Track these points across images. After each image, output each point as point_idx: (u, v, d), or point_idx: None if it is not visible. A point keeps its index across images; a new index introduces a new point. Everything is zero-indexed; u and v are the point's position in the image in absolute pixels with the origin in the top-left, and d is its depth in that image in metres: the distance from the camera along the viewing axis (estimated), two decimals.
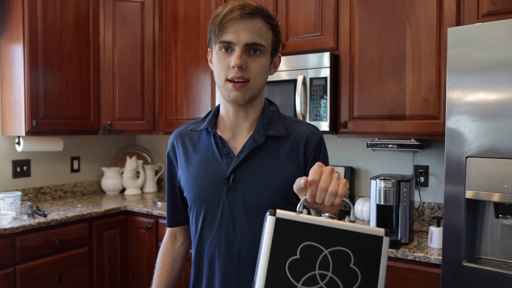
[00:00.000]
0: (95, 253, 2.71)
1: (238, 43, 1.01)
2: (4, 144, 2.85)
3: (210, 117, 1.15)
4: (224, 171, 1.07)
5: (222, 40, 1.03)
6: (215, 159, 1.10)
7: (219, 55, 1.05)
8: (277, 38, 1.09)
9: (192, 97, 2.94)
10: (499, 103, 1.50)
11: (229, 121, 1.13)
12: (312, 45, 2.39)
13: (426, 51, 2.05)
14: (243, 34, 1.01)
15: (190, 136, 1.17)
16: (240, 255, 1.07)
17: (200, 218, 1.11)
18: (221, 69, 1.04)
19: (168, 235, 1.29)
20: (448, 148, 1.61)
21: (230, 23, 1.01)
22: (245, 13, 1.00)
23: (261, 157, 1.08)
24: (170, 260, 1.26)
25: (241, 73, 1.02)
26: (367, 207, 2.38)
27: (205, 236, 1.10)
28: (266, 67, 1.07)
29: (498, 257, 1.60)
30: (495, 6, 1.87)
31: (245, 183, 1.06)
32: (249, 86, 1.04)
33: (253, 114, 1.12)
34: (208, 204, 1.09)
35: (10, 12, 2.69)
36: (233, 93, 1.04)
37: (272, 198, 1.06)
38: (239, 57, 1.01)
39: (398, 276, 1.85)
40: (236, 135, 1.12)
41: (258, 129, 1.09)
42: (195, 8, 2.90)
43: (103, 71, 3.04)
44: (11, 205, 2.47)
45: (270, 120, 1.12)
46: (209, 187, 1.09)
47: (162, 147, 3.61)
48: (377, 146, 2.21)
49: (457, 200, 1.60)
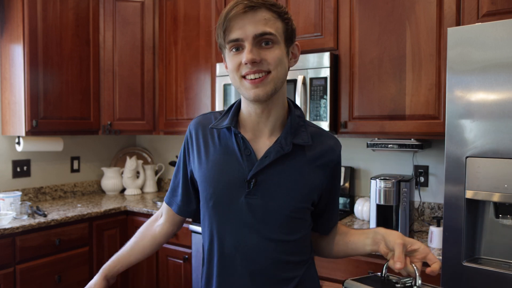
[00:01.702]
0: (95, 253, 2.71)
1: (246, 37, 0.95)
2: (4, 144, 2.85)
3: (232, 114, 1.08)
4: (244, 173, 1.03)
5: (230, 39, 0.97)
6: (236, 160, 1.04)
7: (230, 56, 1.00)
8: (288, 26, 1.01)
9: (192, 97, 2.94)
10: (499, 103, 1.50)
11: (250, 121, 1.07)
12: (312, 45, 2.39)
13: (426, 51, 2.05)
14: (249, 28, 0.95)
15: (211, 129, 1.11)
16: (253, 258, 1.04)
17: (215, 217, 1.07)
18: (233, 68, 0.99)
19: (158, 211, 1.29)
20: (448, 148, 1.61)
21: (233, 20, 0.95)
22: (247, 6, 0.94)
23: (285, 164, 1.03)
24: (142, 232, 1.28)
25: (257, 67, 0.96)
26: (367, 207, 2.38)
27: (218, 235, 1.07)
28: (283, 57, 0.99)
29: (498, 257, 1.60)
30: (495, 6, 1.87)
31: (266, 188, 1.02)
32: (269, 79, 0.97)
33: (275, 114, 1.06)
34: (225, 205, 1.05)
35: (10, 12, 2.69)
36: (253, 91, 0.98)
37: (295, 205, 1.04)
38: (250, 51, 0.94)
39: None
40: (257, 136, 1.07)
41: (285, 135, 1.04)
42: (195, 8, 2.90)
43: (103, 71, 3.04)
44: (11, 205, 2.47)
45: (297, 126, 1.07)
46: (227, 187, 1.04)
47: (162, 147, 3.62)
48: (377, 146, 2.21)
49: (457, 200, 1.60)
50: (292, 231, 1.06)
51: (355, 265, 1.95)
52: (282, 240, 1.04)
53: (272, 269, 1.05)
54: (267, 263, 1.04)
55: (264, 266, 1.04)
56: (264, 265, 1.04)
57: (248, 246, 1.04)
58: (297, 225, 1.07)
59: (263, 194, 1.02)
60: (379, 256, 1.90)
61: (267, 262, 1.04)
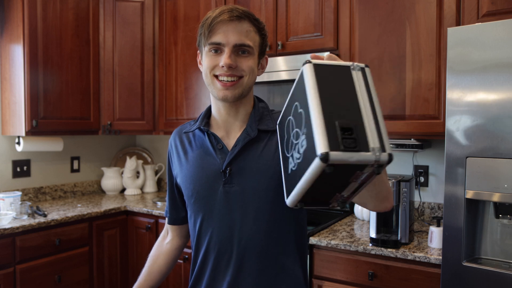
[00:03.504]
0: (95, 253, 2.71)
1: (227, 44, 1.05)
2: (4, 144, 2.85)
3: (201, 117, 1.19)
4: (219, 165, 1.11)
5: (211, 41, 1.06)
6: (210, 155, 1.13)
7: (208, 56, 1.08)
8: (263, 41, 1.12)
9: (192, 97, 2.94)
10: (499, 103, 1.50)
11: (221, 119, 1.16)
12: (312, 45, 2.39)
13: (426, 51, 2.05)
14: (232, 36, 1.04)
15: (187, 135, 1.21)
16: (241, 244, 1.09)
17: (199, 212, 1.14)
18: (208, 67, 1.07)
19: (164, 230, 1.36)
20: (448, 148, 1.61)
21: (219, 25, 1.04)
22: (234, 16, 1.04)
23: (255, 149, 1.11)
24: (154, 253, 1.33)
25: (232, 72, 1.05)
26: None
27: (204, 229, 1.13)
28: (255, 67, 1.10)
29: (498, 257, 1.60)
30: (495, 6, 1.87)
31: (241, 175, 1.09)
32: (240, 83, 1.07)
33: (243, 111, 1.15)
34: (206, 198, 1.12)
35: (10, 12, 2.69)
36: (222, 92, 1.07)
37: (269, 185, 1.09)
38: (228, 56, 1.04)
39: (398, 276, 1.85)
40: (229, 133, 1.16)
41: (250, 124, 1.13)
42: (195, 8, 2.90)
43: (103, 71, 3.04)
44: (11, 205, 2.47)
45: (261, 116, 1.16)
46: (205, 181, 1.12)
47: (162, 147, 3.61)
48: None
49: (457, 200, 1.60)
50: (273, 213, 1.10)
51: (355, 265, 1.95)
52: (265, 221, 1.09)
53: (261, 254, 1.10)
54: (255, 248, 1.09)
55: (252, 250, 1.09)
56: (253, 249, 1.09)
57: (234, 233, 1.09)
58: (277, 207, 1.10)
59: (239, 181, 1.09)
60: (379, 256, 1.90)
61: (255, 247, 1.09)
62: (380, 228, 1.94)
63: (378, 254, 1.90)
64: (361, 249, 1.93)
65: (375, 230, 1.94)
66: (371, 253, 1.91)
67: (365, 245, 1.93)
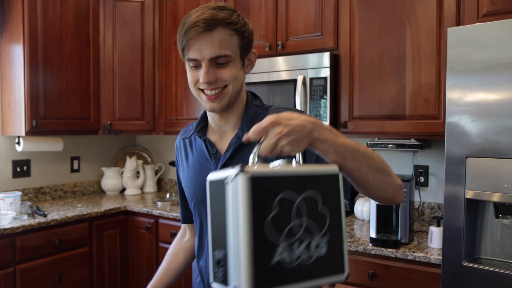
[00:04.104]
0: (95, 253, 2.71)
1: (202, 59, 1.03)
2: (4, 144, 2.85)
3: (198, 121, 1.20)
4: (213, 170, 1.12)
5: (188, 58, 1.05)
6: (206, 160, 1.17)
7: (188, 69, 1.09)
8: (244, 40, 1.06)
9: (192, 97, 2.94)
10: (499, 103, 1.50)
11: (214, 124, 1.17)
12: (312, 45, 2.39)
13: (426, 51, 2.05)
14: (205, 50, 1.01)
15: (189, 139, 1.24)
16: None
17: (199, 215, 1.19)
18: (191, 81, 1.08)
19: (181, 229, 1.41)
20: (448, 148, 1.61)
21: (191, 40, 1.02)
22: (204, 28, 1.00)
23: (247, 151, 1.08)
24: (174, 251, 1.37)
25: (213, 85, 1.04)
26: (367, 207, 2.38)
27: (204, 232, 1.19)
28: (237, 72, 1.07)
29: (498, 257, 1.60)
30: (495, 6, 1.87)
31: None
32: (225, 93, 1.05)
33: (235, 114, 1.14)
34: (204, 202, 1.14)
35: (10, 12, 2.69)
36: (209, 104, 1.07)
37: None
38: (206, 73, 1.02)
39: (398, 276, 1.85)
40: (222, 136, 1.17)
41: (241, 126, 1.11)
42: (195, 8, 2.89)
43: (103, 71, 3.04)
44: (11, 205, 2.47)
45: (253, 115, 1.13)
46: (202, 186, 1.13)
47: (162, 147, 3.62)
48: (377, 146, 2.21)
49: (457, 200, 1.60)
50: None
51: (355, 265, 1.95)
52: None
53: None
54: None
55: None
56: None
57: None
58: None
59: None
60: (379, 256, 1.90)
61: None
62: (380, 228, 1.94)
63: (378, 254, 1.90)
64: (361, 249, 1.93)
65: (375, 230, 1.94)
66: (371, 253, 1.91)
67: (365, 245, 1.93)
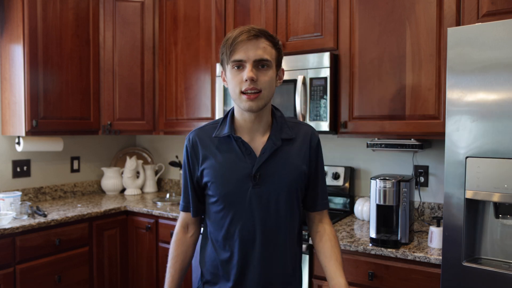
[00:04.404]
0: (95, 253, 2.71)
1: (248, 60, 1.22)
2: (4, 144, 2.85)
3: (229, 123, 1.33)
4: (249, 169, 1.29)
5: (234, 59, 1.22)
6: (240, 159, 1.30)
7: (232, 72, 1.25)
8: (279, 54, 1.30)
9: (192, 97, 2.94)
10: (499, 103, 1.50)
11: (246, 126, 1.32)
12: (312, 45, 2.39)
13: (426, 51, 2.05)
14: (251, 52, 1.22)
15: (211, 138, 1.34)
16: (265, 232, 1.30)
17: (230, 208, 1.31)
18: (235, 84, 1.24)
19: (180, 226, 1.46)
20: (448, 148, 1.61)
21: (239, 44, 1.21)
22: (252, 35, 1.21)
23: (279, 156, 1.32)
24: (183, 249, 1.44)
25: (253, 85, 1.22)
26: (367, 207, 2.38)
27: (235, 222, 1.31)
28: (273, 78, 1.28)
29: (498, 257, 1.60)
30: (495, 6, 1.87)
31: (268, 178, 1.29)
32: (261, 96, 1.24)
33: (265, 119, 1.33)
34: (237, 197, 1.30)
35: (10, 12, 2.69)
36: (248, 103, 1.24)
37: (288, 188, 1.32)
38: (250, 70, 1.21)
39: (398, 276, 1.85)
40: (254, 138, 1.33)
41: (274, 133, 1.32)
42: (195, 8, 2.90)
43: (103, 71, 3.04)
44: (11, 205, 2.47)
45: (281, 125, 1.35)
46: (237, 183, 1.29)
47: (162, 147, 3.62)
48: (377, 146, 2.21)
49: (457, 200, 1.60)
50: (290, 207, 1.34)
51: (355, 265, 1.95)
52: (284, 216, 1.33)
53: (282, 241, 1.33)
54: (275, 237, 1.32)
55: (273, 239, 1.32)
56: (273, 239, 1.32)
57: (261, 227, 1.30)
58: (292, 203, 1.35)
59: (266, 183, 1.30)
60: (379, 256, 1.90)
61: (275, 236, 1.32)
62: (380, 228, 1.94)
63: (378, 254, 1.90)
64: (361, 249, 1.93)
65: (375, 230, 1.94)
66: (371, 253, 1.91)
67: (365, 245, 1.93)
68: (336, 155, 2.70)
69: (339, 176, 2.61)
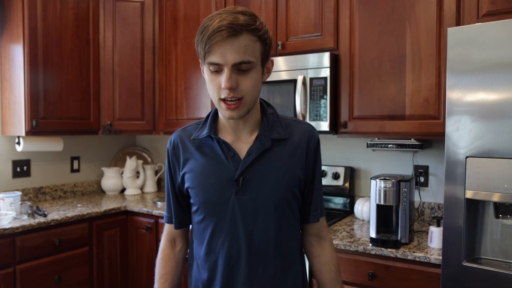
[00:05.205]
0: (95, 253, 2.71)
1: (225, 64, 1.01)
2: (4, 144, 2.85)
3: (209, 122, 1.17)
4: (232, 174, 1.11)
5: (209, 61, 1.02)
6: (222, 163, 1.13)
7: (209, 74, 1.06)
8: (266, 47, 1.08)
9: (192, 97, 2.94)
10: (499, 103, 1.50)
11: (230, 127, 1.16)
12: (312, 45, 2.39)
13: (426, 51, 2.05)
14: (229, 55, 1.00)
15: (193, 140, 1.18)
16: (250, 248, 1.12)
17: (211, 218, 1.14)
18: (213, 89, 1.06)
19: (167, 240, 1.29)
20: (448, 148, 1.61)
21: (216, 45, 1.00)
22: (230, 33, 0.99)
23: (268, 158, 1.13)
24: (172, 266, 1.27)
25: (233, 94, 1.03)
26: (367, 207, 2.38)
27: (217, 235, 1.14)
28: (257, 80, 1.08)
29: (498, 257, 1.60)
30: (495, 6, 1.87)
31: (254, 184, 1.11)
32: (243, 103, 1.06)
33: (252, 118, 1.16)
34: (217, 205, 1.12)
35: (10, 12, 2.69)
36: (228, 112, 1.06)
37: (279, 195, 1.13)
38: (228, 79, 1.01)
39: (398, 276, 1.85)
40: (238, 138, 1.16)
41: (263, 133, 1.14)
42: (195, 8, 2.90)
43: (103, 71, 3.04)
44: (11, 205, 2.47)
45: (272, 123, 1.16)
46: (217, 189, 1.12)
47: (162, 147, 3.61)
48: (377, 146, 2.21)
49: (457, 200, 1.60)
50: (281, 219, 1.14)
51: (355, 265, 1.95)
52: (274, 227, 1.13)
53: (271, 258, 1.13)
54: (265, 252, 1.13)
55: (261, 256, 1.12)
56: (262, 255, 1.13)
57: (244, 239, 1.12)
58: (285, 213, 1.15)
59: (251, 190, 1.11)
60: (379, 256, 1.90)
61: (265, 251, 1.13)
62: (380, 228, 1.94)
63: (378, 254, 1.90)
64: (361, 249, 1.93)
65: (375, 230, 1.94)
66: (371, 253, 1.91)
67: (365, 245, 1.93)
68: (336, 155, 2.70)
69: (339, 176, 2.61)
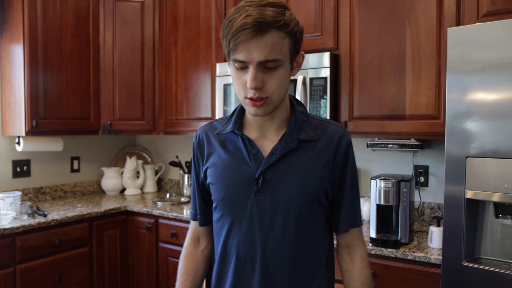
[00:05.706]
0: (95, 253, 2.71)
1: (251, 61, 0.97)
2: (4, 144, 2.85)
3: (235, 118, 1.13)
4: (252, 172, 1.07)
5: (235, 58, 0.98)
6: (244, 160, 1.09)
7: (234, 70, 1.02)
8: (296, 42, 1.04)
9: (192, 97, 2.94)
10: (499, 103, 1.50)
11: (255, 123, 1.12)
12: (312, 45, 2.39)
13: (426, 51, 2.05)
14: (255, 53, 0.95)
15: (218, 135, 1.16)
16: (265, 253, 1.06)
17: (228, 218, 1.11)
18: (239, 87, 1.02)
19: (191, 238, 1.27)
20: (448, 148, 1.61)
21: (241, 44, 0.95)
22: (256, 32, 0.94)
23: (292, 159, 1.07)
24: (194, 265, 1.24)
25: (259, 93, 0.99)
26: (367, 207, 2.38)
27: (232, 235, 1.10)
28: (285, 77, 1.03)
29: (498, 257, 1.60)
30: (495, 6, 1.87)
31: (274, 185, 1.06)
32: (268, 101, 1.01)
33: (279, 115, 1.10)
34: (236, 205, 1.09)
35: (10, 12, 2.69)
36: (253, 109, 1.02)
37: (301, 199, 1.06)
38: (253, 78, 0.97)
39: (398, 276, 1.85)
40: (264, 135, 1.11)
41: (290, 132, 1.08)
42: (195, 8, 2.90)
43: (103, 71, 3.04)
44: (11, 205, 2.47)
45: (300, 122, 1.11)
46: (237, 187, 1.09)
47: (162, 147, 3.61)
48: (377, 146, 2.21)
49: (457, 200, 1.59)
50: (303, 225, 1.07)
51: None
52: (293, 231, 1.06)
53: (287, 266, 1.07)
54: (281, 257, 1.06)
55: (276, 260, 1.06)
56: (277, 260, 1.06)
57: (260, 241, 1.06)
58: (307, 219, 1.08)
59: (272, 191, 1.06)
60: (379, 256, 1.90)
61: (281, 256, 1.06)
62: (380, 228, 1.94)
63: (378, 254, 1.89)
64: None
65: (375, 230, 1.94)
66: (371, 253, 1.91)
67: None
68: None
69: None
